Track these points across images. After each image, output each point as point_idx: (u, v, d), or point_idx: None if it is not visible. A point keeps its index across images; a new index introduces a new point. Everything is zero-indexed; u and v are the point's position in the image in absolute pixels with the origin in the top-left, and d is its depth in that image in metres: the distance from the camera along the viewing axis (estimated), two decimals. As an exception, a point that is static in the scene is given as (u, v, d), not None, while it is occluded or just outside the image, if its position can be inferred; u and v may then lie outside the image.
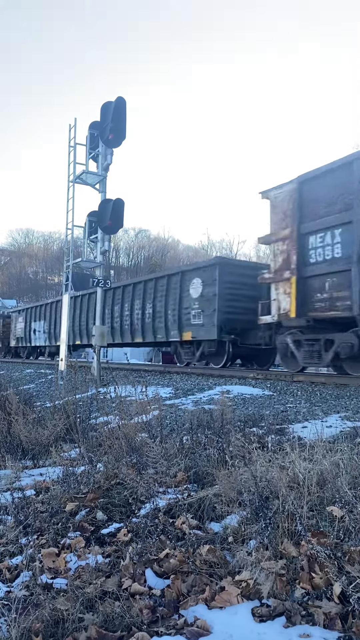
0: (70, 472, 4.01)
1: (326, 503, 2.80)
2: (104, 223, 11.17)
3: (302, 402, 7.23)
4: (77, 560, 2.65)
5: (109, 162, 11.57)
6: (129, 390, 7.60)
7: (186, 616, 2.12)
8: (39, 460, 4.99)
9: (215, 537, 2.75)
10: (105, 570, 2.51)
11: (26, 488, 4.01)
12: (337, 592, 2.10)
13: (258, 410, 6.59)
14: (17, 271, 71.80)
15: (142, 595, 2.28)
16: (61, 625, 2.03)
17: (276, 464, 3.25)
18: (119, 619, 2.08)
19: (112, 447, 4.57)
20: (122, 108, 11.27)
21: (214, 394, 8.33)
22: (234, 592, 2.23)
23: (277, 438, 4.49)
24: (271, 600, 2.15)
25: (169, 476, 3.61)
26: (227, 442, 4.21)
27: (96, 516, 3.22)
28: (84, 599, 2.19)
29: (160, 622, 2.10)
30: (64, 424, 5.65)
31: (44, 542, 2.89)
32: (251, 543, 2.59)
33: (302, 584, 2.21)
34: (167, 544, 2.70)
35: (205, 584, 2.33)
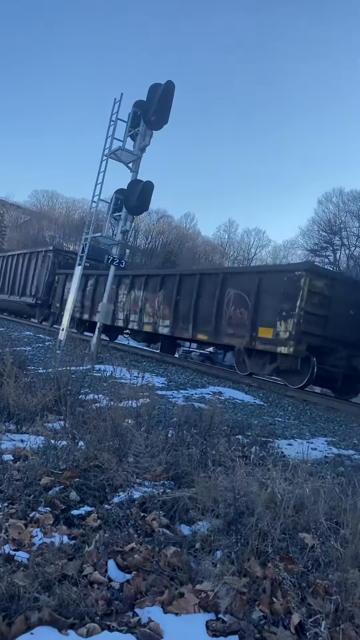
0: (52, 445, 3.99)
1: (300, 529, 2.77)
2: (131, 203, 11.10)
3: (291, 418, 7.20)
4: (42, 537, 2.63)
5: (147, 144, 11.47)
6: (123, 372, 7.59)
7: (141, 616, 2.10)
8: (23, 426, 4.97)
9: (184, 541, 2.73)
10: (68, 552, 2.49)
11: (5, 452, 4.00)
12: (295, 622, 2.08)
13: (246, 418, 6.57)
14: (34, 232, 71.72)
15: (100, 586, 2.26)
16: (16, 601, 2.02)
17: (256, 478, 3.22)
18: (74, 605, 2.06)
19: (97, 427, 4.54)
20: (169, 92, 11.16)
21: (206, 392, 8.31)
22: (193, 600, 2.21)
23: (262, 451, 4.47)
24: (228, 617, 2.13)
25: (149, 470, 3.59)
26: (212, 445, 4.19)
27: (69, 495, 3.21)
28: (43, 578, 2.17)
29: (114, 616, 2.09)
30: (53, 395, 5.63)
31: (13, 511, 2.88)
32: (217, 554, 2.58)
33: (261, 606, 2.19)
34: (134, 538, 2.69)
35: (165, 586, 2.31)
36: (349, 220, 47.21)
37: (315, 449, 5.35)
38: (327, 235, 48.25)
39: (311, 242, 50.24)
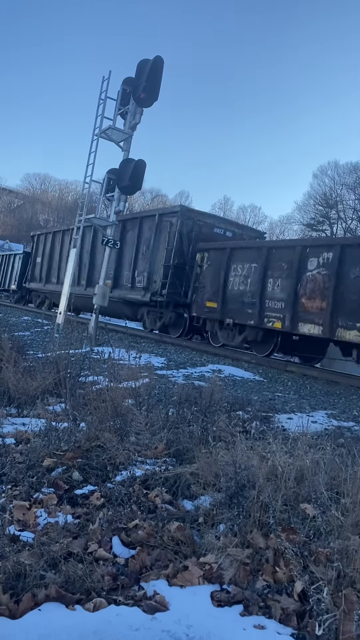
0: (53, 427, 4.02)
1: (301, 500, 2.81)
2: (123, 182, 11.00)
3: (291, 393, 7.25)
4: (47, 517, 2.66)
5: (137, 122, 11.31)
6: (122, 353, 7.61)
7: (146, 589, 2.14)
8: (24, 410, 5.00)
9: (186, 516, 2.77)
10: (73, 531, 2.53)
11: (7, 436, 4.02)
12: (298, 590, 2.11)
13: (246, 394, 6.61)
14: (28, 216, 71.20)
15: (106, 562, 2.29)
16: (22, 580, 2.05)
17: (257, 452, 3.25)
18: (80, 581, 2.10)
19: (98, 408, 4.57)
20: (158, 68, 10.96)
21: (206, 370, 8.34)
22: (197, 573, 2.24)
23: (262, 426, 4.50)
24: (232, 587, 2.17)
25: (150, 448, 3.62)
26: (212, 422, 4.22)
27: (72, 475, 3.24)
28: (48, 556, 2.21)
29: (120, 591, 2.12)
30: (53, 378, 5.65)
31: (17, 493, 2.91)
32: (220, 527, 2.61)
33: (264, 576, 2.23)
34: (138, 514, 2.72)
35: (170, 560, 2.34)
36: (345, 193, 46.86)
37: (316, 422, 5.39)
38: (324, 209, 47.93)
39: (307, 217, 49.93)
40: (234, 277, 11.95)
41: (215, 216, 14.93)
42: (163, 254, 14.04)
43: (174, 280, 13.78)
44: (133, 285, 15.28)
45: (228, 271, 12.05)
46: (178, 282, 13.81)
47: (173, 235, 13.88)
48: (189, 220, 13.97)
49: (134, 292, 15.18)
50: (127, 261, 15.75)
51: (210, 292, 12.67)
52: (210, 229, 14.13)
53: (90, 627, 1.89)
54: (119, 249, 14.52)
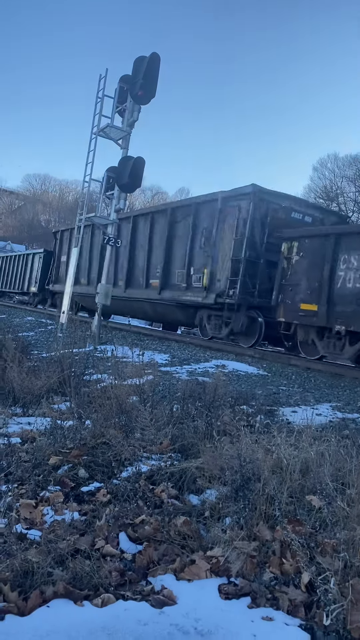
0: (58, 425, 4.03)
1: (306, 492, 2.81)
2: (122, 180, 10.99)
3: (295, 387, 7.24)
4: (53, 515, 2.67)
5: (135, 119, 11.29)
6: (125, 351, 7.62)
7: (154, 584, 2.15)
8: (29, 409, 5.02)
9: (193, 510, 2.78)
10: (80, 528, 2.54)
11: (12, 435, 4.03)
12: (305, 581, 2.12)
13: (250, 388, 6.61)
14: (29, 217, 71.25)
15: (113, 558, 2.30)
16: (30, 577, 2.06)
17: (262, 445, 3.26)
18: (88, 578, 2.11)
19: (103, 406, 4.58)
20: (155, 65, 10.92)
21: (210, 366, 8.34)
22: (204, 566, 2.25)
23: (266, 420, 4.50)
24: (239, 580, 2.18)
25: (155, 443, 3.63)
26: (217, 417, 4.23)
27: (78, 473, 3.25)
28: (55, 554, 2.22)
29: (128, 586, 2.13)
30: (58, 377, 5.67)
31: (23, 492, 2.92)
32: (227, 521, 2.62)
33: (271, 568, 2.23)
34: (144, 510, 2.73)
35: (177, 554, 2.35)
36: (345, 186, 46.65)
37: (320, 414, 5.38)
38: (324, 202, 47.80)
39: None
40: (345, 272, 9.26)
41: (292, 197, 12.48)
42: (230, 245, 11.58)
43: (246, 277, 11.23)
44: (189, 284, 12.80)
45: (335, 264, 9.38)
46: (250, 279, 11.33)
47: (243, 223, 11.33)
48: (262, 203, 11.31)
49: (191, 293, 12.69)
50: (179, 256, 13.34)
51: (305, 291, 9.93)
52: (287, 213, 11.75)
53: (99, 622, 1.90)
54: (167, 243, 13.45)
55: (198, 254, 12.74)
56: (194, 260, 12.84)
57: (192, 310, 13.22)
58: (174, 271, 13.57)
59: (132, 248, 15.41)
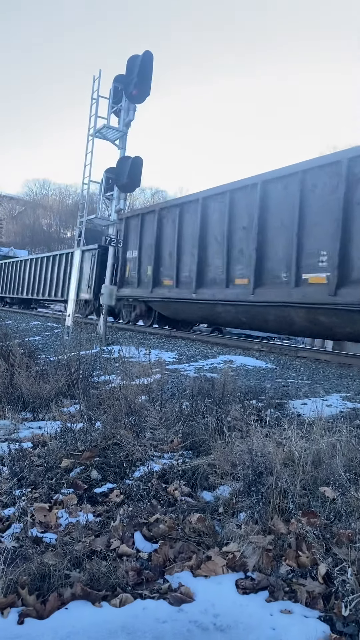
0: (69, 428, 4.04)
1: (319, 483, 2.81)
2: (121, 181, 10.99)
3: (304, 379, 7.22)
4: (68, 517, 2.68)
5: (131, 118, 11.28)
6: (132, 351, 7.63)
7: (171, 582, 2.15)
8: (39, 414, 5.04)
9: (206, 507, 2.78)
10: (95, 529, 2.54)
11: (24, 440, 4.05)
12: (322, 573, 2.12)
13: (259, 382, 6.60)
14: (31, 222, 71.36)
15: (129, 558, 2.31)
16: (47, 580, 2.07)
17: (273, 439, 3.25)
18: (105, 578, 2.11)
19: (112, 407, 4.59)
20: (148, 63, 10.91)
21: (217, 362, 8.34)
22: (220, 562, 2.25)
23: (276, 413, 4.49)
24: (256, 574, 2.17)
25: (165, 442, 3.63)
26: (226, 412, 4.22)
27: (90, 475, 3.25)
28: (71, 556, 2.23)
29: (145, 585, 2.14)
30: (66, 380, 5.68)
31: (37, 495, 2.93)
32: (241, 516, 2.61)
33: (288, 561, 2.23)
34: (158, 508, 2.73)
35: (193, 552, 2.35)
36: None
37: (330, 405, 5.37)
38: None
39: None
40: None
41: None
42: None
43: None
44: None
45: None
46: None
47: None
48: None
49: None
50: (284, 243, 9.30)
51: None
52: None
53: (118, 622, 1.90)
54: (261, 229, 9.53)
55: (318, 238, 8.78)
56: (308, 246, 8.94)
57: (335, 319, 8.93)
58: (271, 267, 9.59)
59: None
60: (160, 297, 12.85)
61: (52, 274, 22.04)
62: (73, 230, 56.26)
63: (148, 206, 13.78)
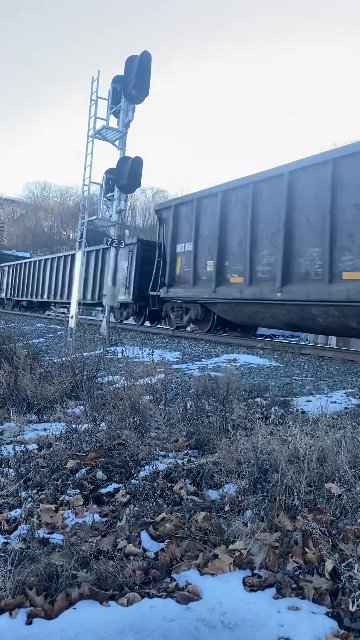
0: (73, 429, 4.05)
1: (325, 480, 2.81)
2: (121, 181, 10.99)
3: (308, 376, 7.22)
4: (74, 518, 2.69)
5: (130, 119, 11.29)
6: (136, 352, 7.64)
7: (178, 580, 2.16)
8: (44, 415, 5.05)
9: (212, 505, 2.78)
10: (101, 529, 2.55)
11: (29, 442, 4.06)
12: (329, 569, 2.12)
13: (263, 380, 6.60)
14: (32, 224, 71.47)
15: (136, 557, 2.31)
16: (55, 580, 2.07)
17: (277, 436, 3.25)
18: (112, 578, 2.12)
19: (116, 407, 4.60)
20: (147, 63, 10.92)
21: (221, 361, 8.34)
22: (227, 560, 2.25)
23: (281, 411, 4.49)
24: (263, 571, 2.18)
25: (170, 441, 3.64)
26: (231, 411, 4.22)
27: (96, 475, 3.26)
28: (78, 556, 2.23)
29: (152, 584, 2.14)
30: (70, 381, 5.69)
31: (43, 497, 2.94)
32: (247, 513, 2.62)
33: (294, 557, 2.23)
34: (164, 507, 2.74)
35: (199, 550, 2.36)
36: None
37: (335, 402, 5.36)
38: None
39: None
40: None
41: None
42: None
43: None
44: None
45: None
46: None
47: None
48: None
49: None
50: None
51: None
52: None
53: (126, 621, 1.91)
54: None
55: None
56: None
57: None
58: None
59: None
60: (227, 298, 10.70)
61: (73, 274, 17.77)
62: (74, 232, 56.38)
63: (205, 189, 11.60)
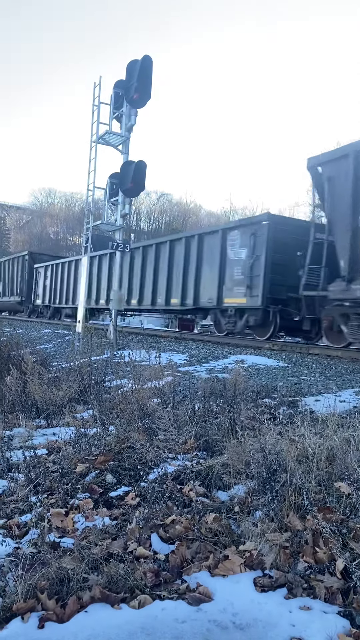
0: (82, 433, 4.06)
1: (334, 479, 2.80)
2: (125, 185, 11.03)
3: (316, 375, 7.20)
4: (84, 521, 2.70)
5: (133, 123, 11.34)
6: (143, 355, 7.65)
7: (189, 582, 2.16)
8: (53, 420, 5.07)
9: (222, 506, 2.78)
10: (111, 532, 2.56)
11: (38, 447, 4.08)
12: (340, 568, 2.11)
13: (271, 381, 6.59)
14: (38, 231, 71.78)
15: (146, 559, 2.32)
16: (66, 584, 2.08)
17: (286, 436, 3.25)
18: (123, 580, 2.12)
19: (125, 411, 4.61)
20: (148, 67, 10.96)
21: (229, 362, 8.33)
22: (238, 561, 2.25)
23: (289, 410, 4.49)
24: (274, 572, 2.17)
25: (178, 443, 3.64)
26: (239, 412, 4.22)
27: (105, 479, 3.27)
28: (89, 559, 2.24)
29: (163, 586, 2.14)
30: (78, 386, 5.71)
31: (53, 501, 2.95)
32: (257, 514, 2.61)
33: (305, 557, 2.22)
34: (173, 510, 2.74)
35: (210, 551, 2.36)
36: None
37: (344, 401, 5.34)
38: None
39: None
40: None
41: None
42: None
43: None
44: None
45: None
46: None
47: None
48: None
49: None
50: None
51: None
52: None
53: (138, 624, 1.91)
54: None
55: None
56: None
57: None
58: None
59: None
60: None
61: (145, 273, 14.96)
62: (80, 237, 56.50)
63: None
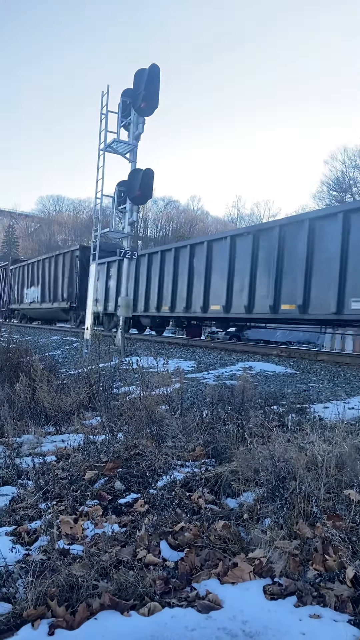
0: (91, 440, 4.07)
1: (344, 486, 2.79)
2: (133, 193, 11.08)
3: (325, 382, 7.17)
4: (94, 528, 2.70)
5: (141, 131, 11.41)
6: (151, 361, 7.65)
7: (198, 589, 2.15)
8: (62, 427, 5.08)
9: (231, 514, 2.77)
10: (120, 539, 2.56)
11: (47, 454, 4.09)
12: (350, 576, 2.10)
13: (280, 388, 6.57)
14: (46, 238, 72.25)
15: (156, 567, 2.32)
16: (76, 591, 2.08)
17: (295, 444, 3.24)
18: (132, 588, 2.12)
19: (133, 417, 4.61)
20: (155, 76, 11.04)
21: (236, 369, 8.32)
22: (247, 569, 2.25)
23: (298, 417, 4.47)
24: (283, 579, 2.17)
25: (187, 450, 3.64)
26: (247, 419, 4.22)
27: (114, 485, 3.27)
28: (99, 566, 2.24)
29: (173, 593, 2.14)
30: (86, 393, 5.72)
31: (62, 508, 2.96)
32: (266, 522, 2.61)
33: (315, 565, 2.22)
34: (182, 517, 2.74)
35: (219, 559, 2.35)
36: (358, 175, 46.40)
37: (353, 408, 5.32)
38: (338, 194, 47.41)
39: (323, 204, 49.35)
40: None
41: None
42: None
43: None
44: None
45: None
46: None
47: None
48: None
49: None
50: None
51: None
52: None
53: (147, 631, 1.91)
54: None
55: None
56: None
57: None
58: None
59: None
60: None
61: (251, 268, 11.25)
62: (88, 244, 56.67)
63: None
